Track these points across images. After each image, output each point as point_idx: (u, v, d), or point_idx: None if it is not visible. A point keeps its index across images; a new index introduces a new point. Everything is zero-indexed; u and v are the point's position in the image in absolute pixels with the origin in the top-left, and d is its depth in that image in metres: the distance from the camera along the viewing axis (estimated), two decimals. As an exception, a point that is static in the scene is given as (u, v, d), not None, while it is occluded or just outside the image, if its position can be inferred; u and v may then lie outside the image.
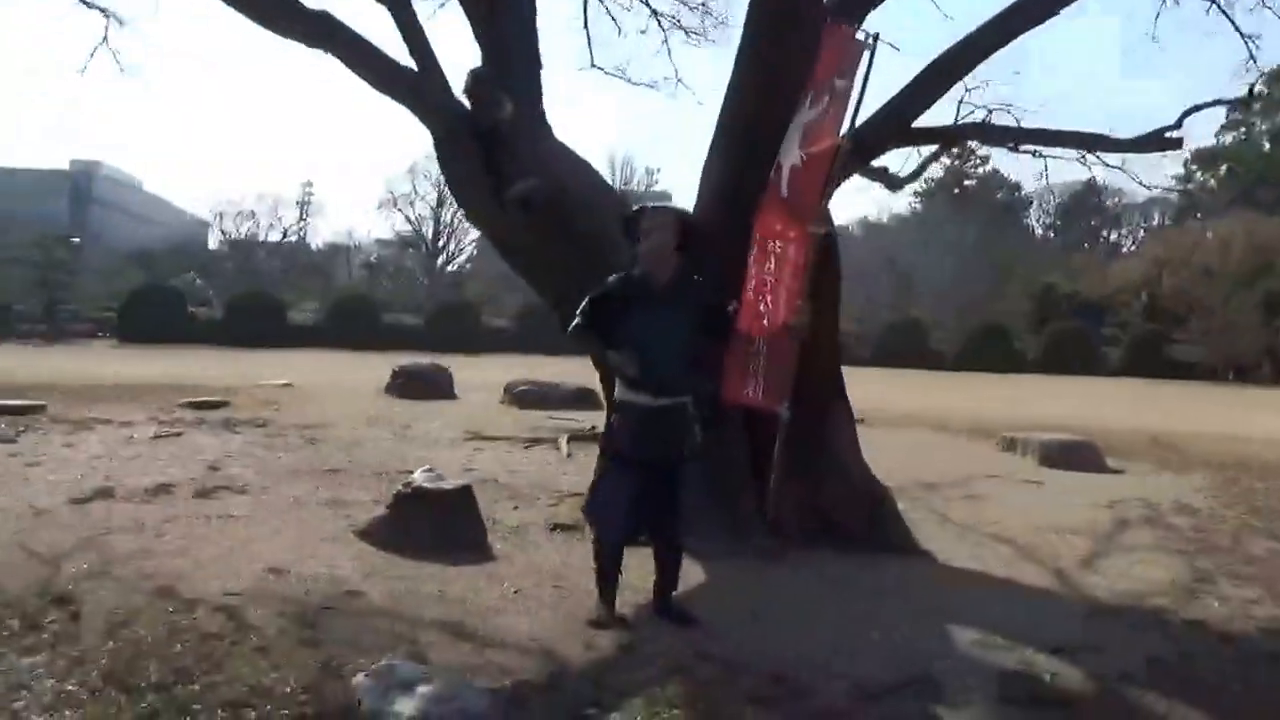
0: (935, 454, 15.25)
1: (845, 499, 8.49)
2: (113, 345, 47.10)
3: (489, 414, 18.13)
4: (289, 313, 55.03)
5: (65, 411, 15.59)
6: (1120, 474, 14.18)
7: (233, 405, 17.46)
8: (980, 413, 23.25)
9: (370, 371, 24.37)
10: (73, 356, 35.14)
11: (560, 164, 9.07)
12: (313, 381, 24.16)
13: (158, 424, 14.51)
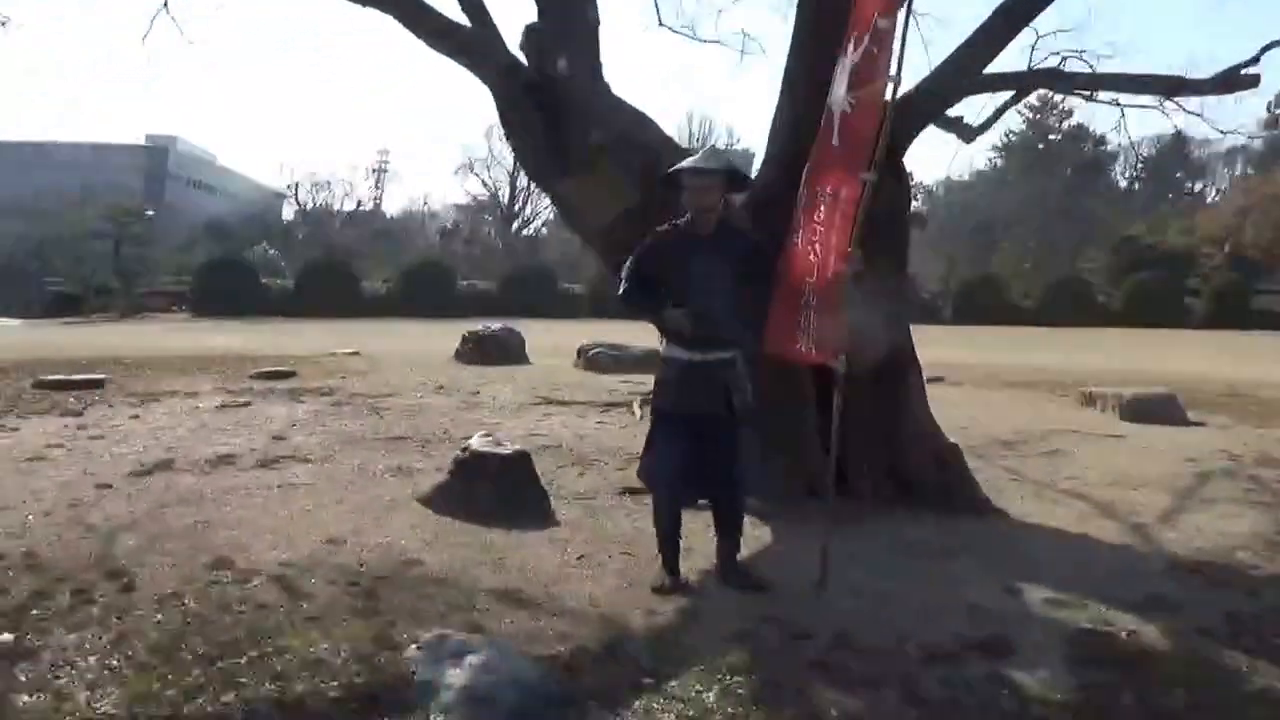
0: (1013, 411, 14.89)
1: (917, 460, 8.30)
2: (186, 319, 47.74)
3: (560, 378, 17.99)
4: (362, 282, 55.29)
5: (132, 384, 15.69)
6: (1201, 427, 13.79)
7: (300, 375, 17.48)
8: (1060, 368, 22.75)
9: (442, 339, 24.30)
10: (145, 330, 35.66)
11: (622, 119, 8.88)
12: (382, 350, 24.21)
13: (224, 394, 14.55)
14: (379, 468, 9.36)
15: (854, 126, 5.99)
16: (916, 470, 8.22)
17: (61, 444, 10.35)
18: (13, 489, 8.15)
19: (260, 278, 54.59)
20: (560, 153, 8.75)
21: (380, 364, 20.45)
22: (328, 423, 12.01)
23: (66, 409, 12.84)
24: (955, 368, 20.09)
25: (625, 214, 8.29)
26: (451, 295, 51.61)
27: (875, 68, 5.86)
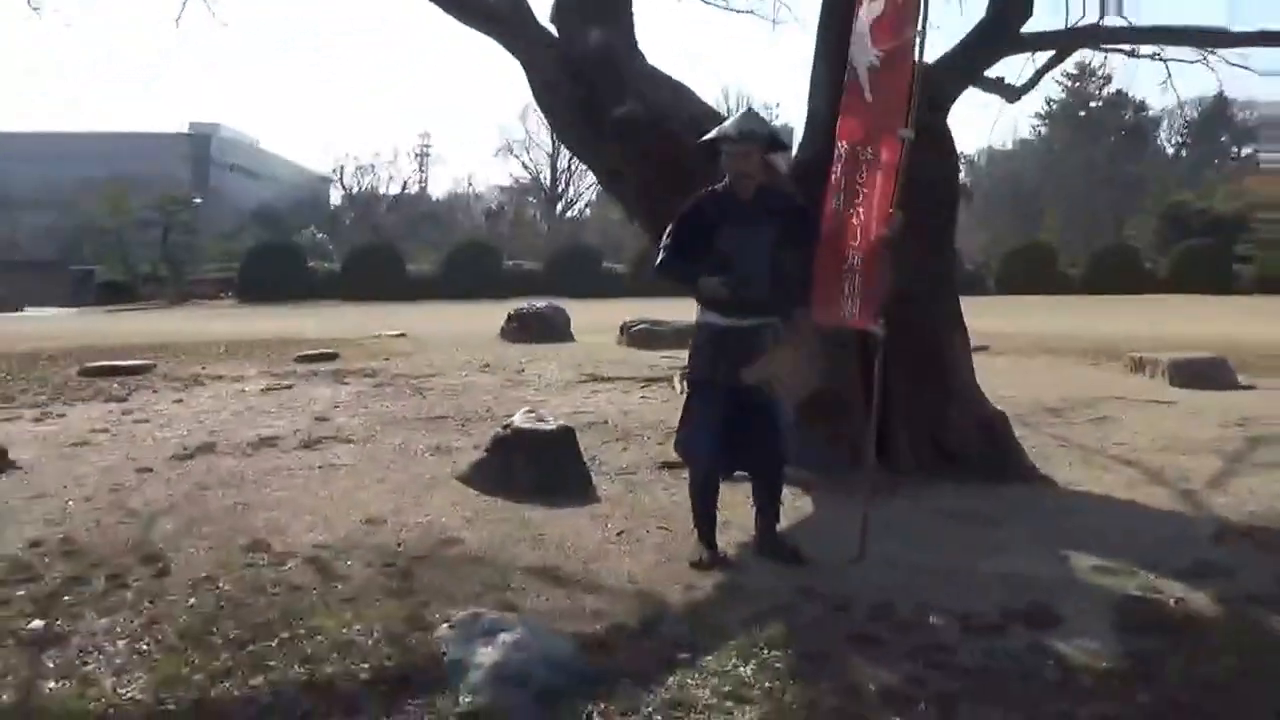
0: (1060, 379, 14.70)
1: (962, 428, 8.14)
2: (234, 304, 48.08)
3: (604, 354, 17.95)
4: (408, 264, 55.48)
5: (177, 369, 15.82)
6: (1253, 390, 13.54)
7: (343, 357, 17.57)
8: (1107, 335, 22.43)
9: (487, 319, 24.34)
10: (193, 316, 35.94)
11: (658, 88, 8.78)
12: (428, 331, 24.29)
13: (268, 377, 14.63)
14: (420, 447, 9.34)
15: (885, 81, 5.86)
16: (961, 439, 8.06)
17: (106, 429, 10.44)
18: (55, 475, 8.20)
19: (307, 262, 54.84)
20: (596, 124, 8.65)
21: (425, 344, 20.49)
22: (370, 404, 12.03)
23: (111, 395, 12.94)
24: (1000, 337, 19.86)
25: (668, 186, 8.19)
26: (497, 276, 51.66)
27: (900, 20, 5.73)
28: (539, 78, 9.17)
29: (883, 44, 5.85)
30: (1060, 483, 8.03)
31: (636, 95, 8.41)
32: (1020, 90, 11.22)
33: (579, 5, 9.10)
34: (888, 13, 5.82)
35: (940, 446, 8.06)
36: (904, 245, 7.79)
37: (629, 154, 8.46)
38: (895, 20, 5.76)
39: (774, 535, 6.11)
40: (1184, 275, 50.94)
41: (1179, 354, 14.94)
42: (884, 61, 5.85)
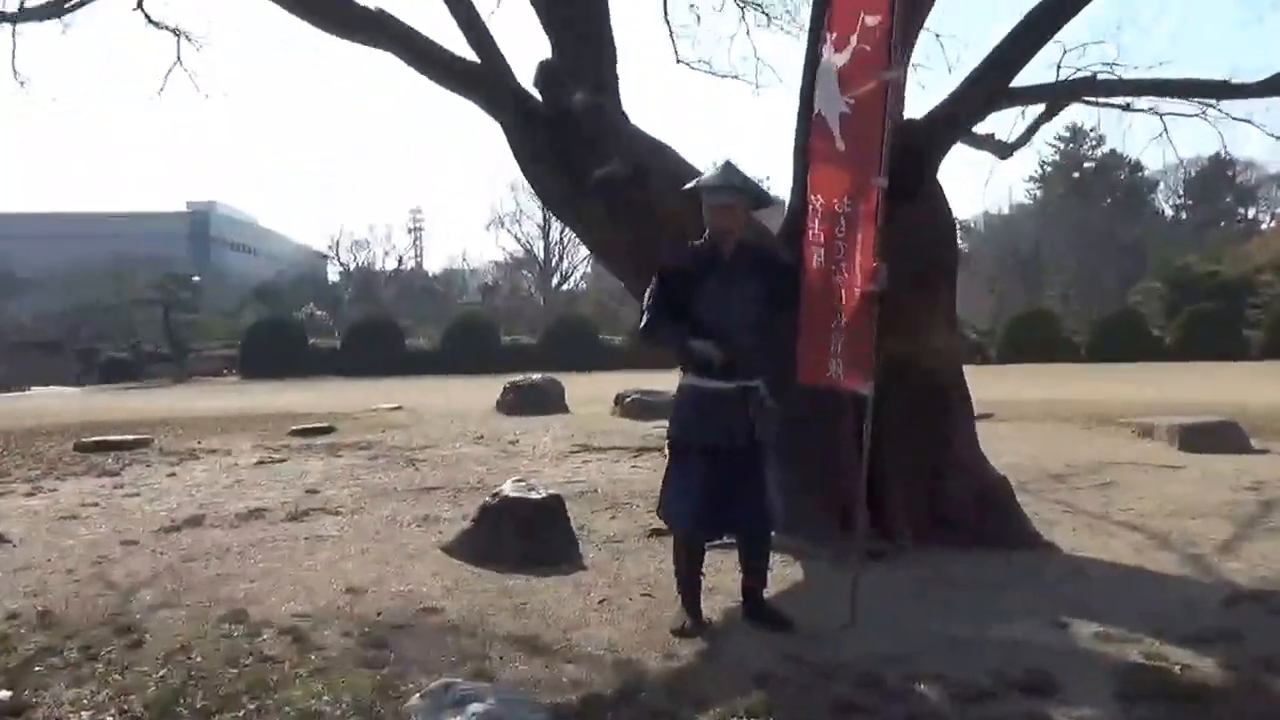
0: (1064, 445, 14.44)
1: (960, 493, 7.93)
2: (236, 381, 48.09)
3: (598, 425, 17.81)
4: (407, 339, 55.61)
5: (173, 444, 15.76)
6: (1265, 454, 13.25)
7: (339, 431, 17.47)
8: (1114, 401, 22.18)
9: (484, 392, 24.26)
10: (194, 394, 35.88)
11: (639, 147, 8.71)
12: (424, 404, 24.17)
13: (262, 451, 14.52)
14: (407, 518, 9.20)
15: (858, 129, 5.74)
16: (960, 505, 7.84)
17: (96, 502, 10.40)
18: (40, 548, 8.16)
19: (308, 338, 54.99)
20: (578, 185, 8.58)
21: (421, 417, 20.39)
22: (361, 476, 11.89)
23: (105, 470, 12.93)
24: (1003, 405, 19.67)
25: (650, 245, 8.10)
26: (494, 350, 51.64)
27: (870, 66, 5.63)
28: (519, 138, 9.13)
29: (853, 91, 5.74)
30: (1064, 549, 7.80)
31: (619, 155, 8.34)
32: (1012, 147, 11.14)
33: (563, 69, 9.07)
34: (857, 59, 5.73)
35: (939, 513, 7.84)
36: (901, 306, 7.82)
37: (612, 214, 8.38)
38: (865, 66, 5.66)
39: (761, 601, 5.92)
40: (1193, 341, 50.22)
41: (1187, 418, 14.67)
42: (855, 109, 5.74)
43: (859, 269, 5.65)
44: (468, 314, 60.82)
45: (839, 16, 5.90)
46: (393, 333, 54.94)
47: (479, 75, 9.25)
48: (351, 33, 9.57)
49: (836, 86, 5.86)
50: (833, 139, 5.91)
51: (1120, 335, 51.59)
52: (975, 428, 8.43)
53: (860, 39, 5.68)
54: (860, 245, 5.65)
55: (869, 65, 5.64)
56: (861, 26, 5.66)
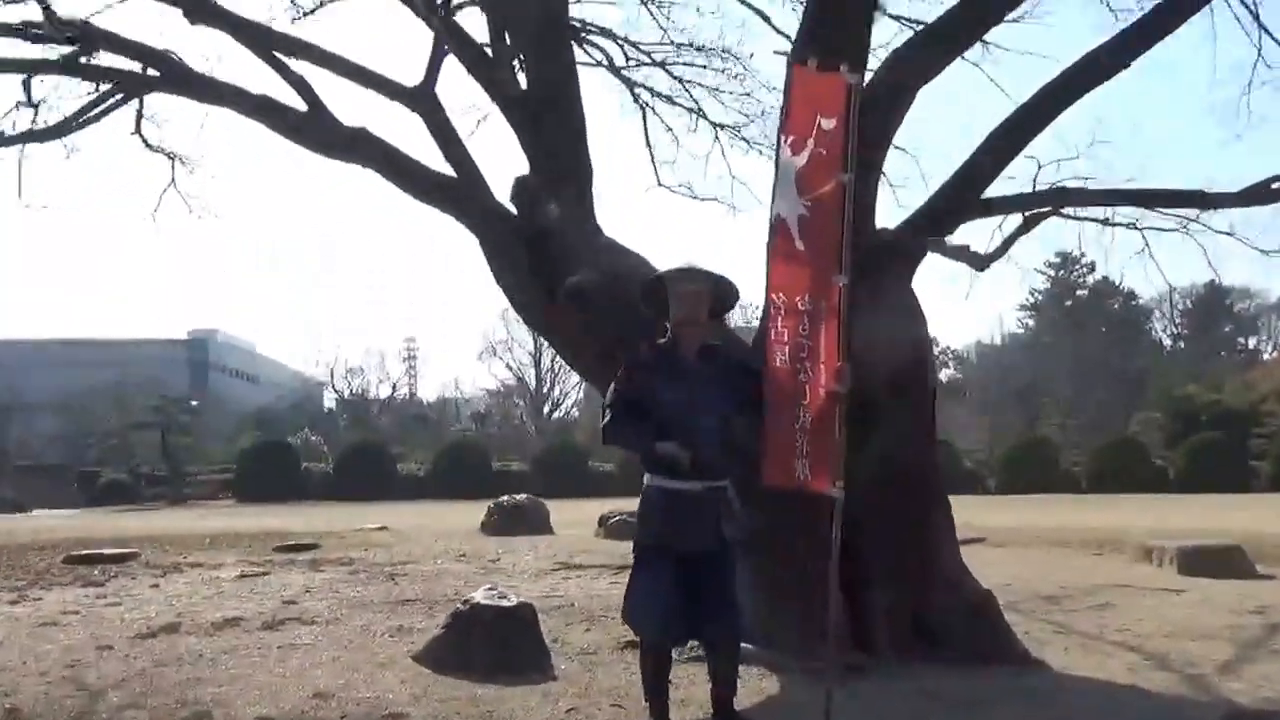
0: (1059, 568, 14.15)
1: (944, 606, 7.73)
2: (231, 504, 47.89)
3: (580, 545, 17.53)
4: (399, 464, 55.44)
5: (159, 559, 15.67)
6: (1271, 579, 12.92)
7: (322, 548, 17.33)
8: (1113, 528, 21.82)
9: (471, 514, 23.99)
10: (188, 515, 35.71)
11: (612, 257, 8.81)
12: (410, 524, 23.97)
13: (245, 565, 14.37)
14: (381, 629, 9.05)
15: (817, 229, 5.77)
16: (945, 619, 7.63)
17: (78, 610, 10.36)
18: (16, 652, 8.20)
19: (302, 463, 54.86)
20: (552, 295, 8.67)
21: (405, 537, 20.18)
22: (341, 589, 11.73)
23: (90, 580, 12.92)
24: (997, 530, 19.39)
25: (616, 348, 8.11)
26: (485, 476, 51.14)
27: (828, 168, 5.69)
28: (494, 250, 9.28)
29: (811, 193, 5.78)
30: (1055, 667, 7.58)
31: (591, 264, 8.38)
32: (988, 259, 11.12)
33: (539, 184, 9.21)
34: (814, 162, 5.78)
35: (922, 627, 7.64)
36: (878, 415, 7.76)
37: (584, 322, 8.38)
38: (822, 169, 5.72)
39: (733, 711, 5.75)
40: (1197, 472, 48.66)
41: (1188, 541, 14.36)
42: (814, 210, 5.78)
43: (823, 368, 5.62)
44: (459, 440, 60.75)
45: (796, 120, 5.99)
46: (384, 458, 54.73)
47: (456, 190, 9.49)
48: (334, 151, 9.97)
49: (795, 189, 5.89)
50: (793, 240, 5.92)
51: (1121, 465, 50.48)
52: (958, 541, 8.28)
53: (817, 142, 5.75)
54: (824, 344, 5.63)
55: (826, 168, 5.70)
56: (818, 130, 5.74)
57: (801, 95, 6.02)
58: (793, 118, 6.03)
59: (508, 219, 9.16)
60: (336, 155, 9.98)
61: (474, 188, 9.45)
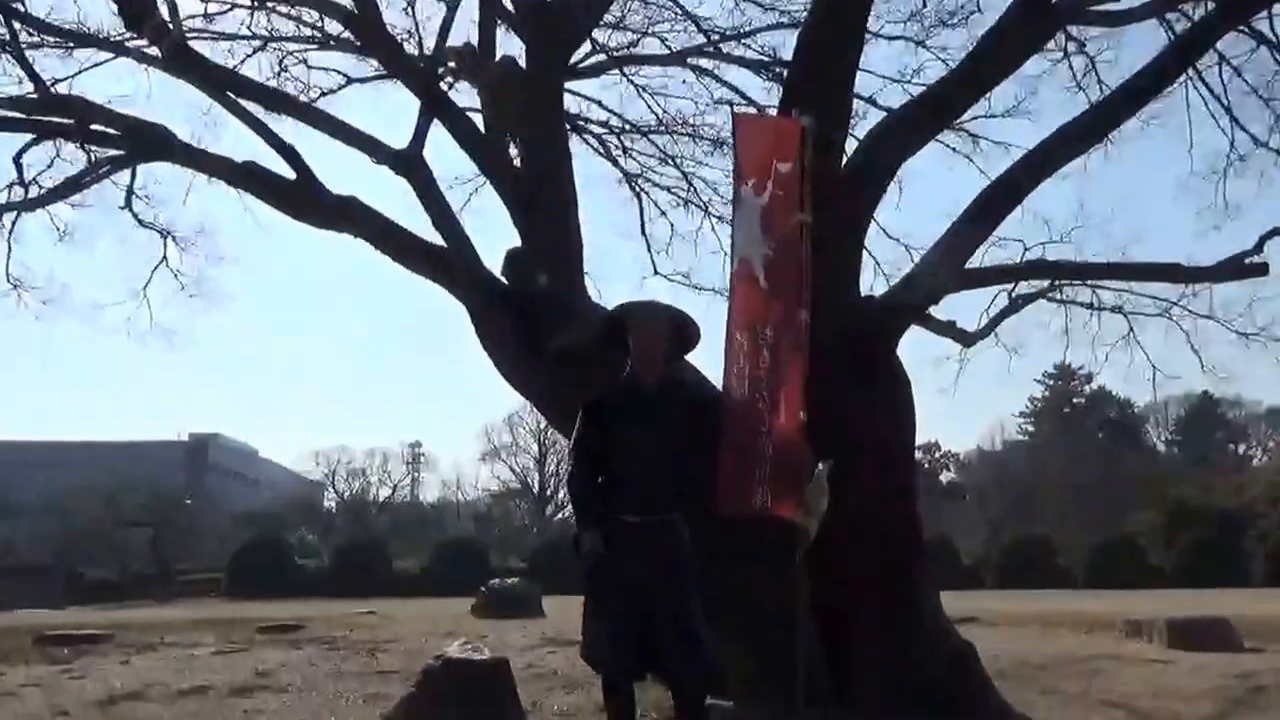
0: (1049, 643, 13.95)
1: (926, 660, 7.60)
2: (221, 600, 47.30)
3: (572, 625, 17.03)
4: (395, 562, 54.80)
5: (134, 639, 15.26)
6: (1260, 653, 12.65)
7: (307, 629, 16.98)
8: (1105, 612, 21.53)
9: (462, 602, 23.73)
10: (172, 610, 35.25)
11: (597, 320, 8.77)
12: (399, 611, 23.65)
13: (225, 643, 14.08)
14: (356, 697, 8.85)
15: (781, 267, 5.91)
16: (925, 672, 7.50)
17: (39, 683, 10.01)
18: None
19: (296, 558, 54.29)
20: (534, 359, 8.70)
21: (393, 619, 19.94)
22: (319, 663, 11.48)
23: (58, 659, 12.53)
24: (990, 612, 19.14)
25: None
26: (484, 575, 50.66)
27: (786, 209, 5.84)
28: (483, 318, 9.24)
29: (776, 233, 5.93)
30: (1037, 721, 7.43)
31: (578, 328, 8.39)
32: (975, 336, 11.18)
33: (530, 257, 9.25)
34: (774, 203, 5.92)
35: (902, 680, 7.48)
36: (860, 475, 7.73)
37: (569, 385, 8.36)
38: (783, 210, 5.86)
39: None
40: (1193, 569, 48.94)
41: (1178, 614, 14.17)
42: (777, 249, 5.92)
43: (784, 397, 5.70)
44: (457, 539, 60.15)
45: (750, 162, 6.14)
46: (381, 556, 54.21)
47: (446, 258, 9.45)
48: (325, 220, 9.91)
49: (760, 228, 6.03)
50: (757, 279, 6.05)
51: (1118, 562, 50.64)
52: (939, 596, 8.18)
53: (775, 184, 5.90)
54: (788, 379, 5.72)
55: (785, 208, 5.86)
56: (775, 173, 5.90)
57: (754, 139, 6.26)
58: (747, 160, 6.19)
59: (498, 288, 9.18)
60: (327, 224, 9.93)
61: (464, 256, 9.46)
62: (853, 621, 7.42)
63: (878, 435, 7.87)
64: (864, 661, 7.43)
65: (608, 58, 13.45)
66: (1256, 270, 9.43)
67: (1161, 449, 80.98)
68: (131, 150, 10.70)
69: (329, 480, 78.86)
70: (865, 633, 7.46)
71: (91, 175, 11.31)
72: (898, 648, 7.55)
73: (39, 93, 10.14)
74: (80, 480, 64.31)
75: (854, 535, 7.55)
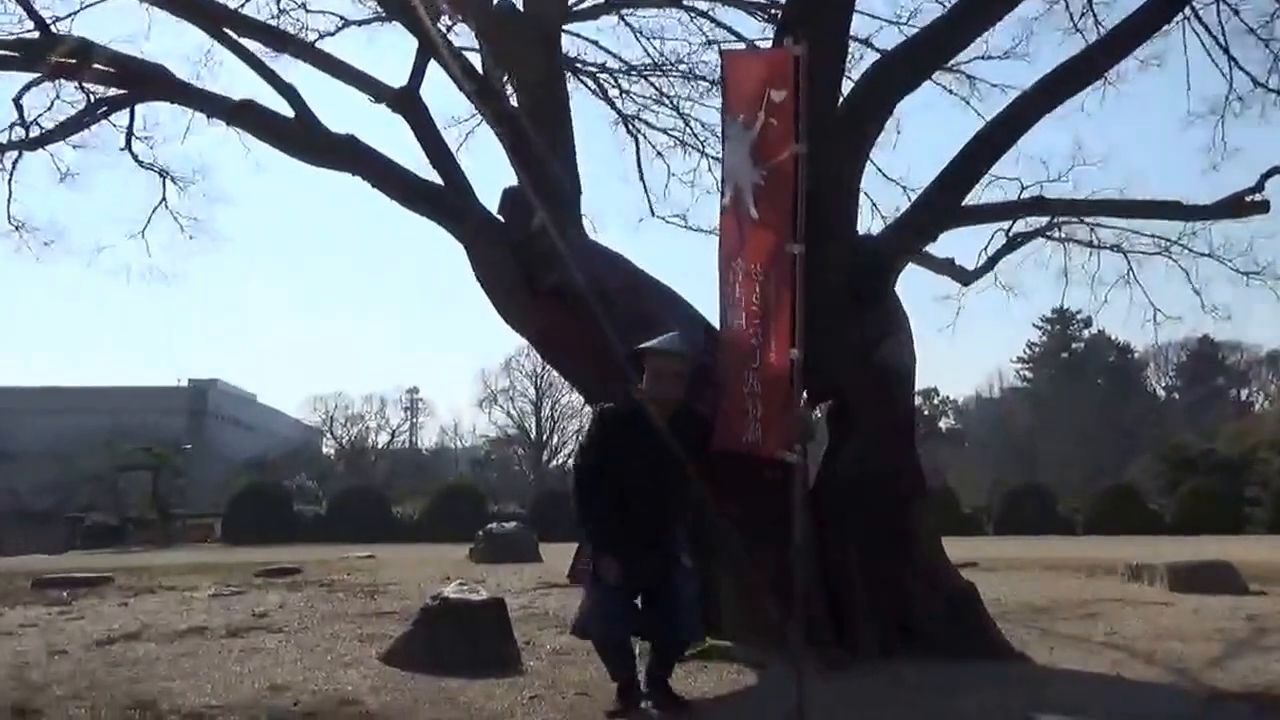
0: (1050, 586, 13.89)
1: (927, 601, 7.57)
2: (220, 546, 47.43)
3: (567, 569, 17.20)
4: (394, 508, 54.83)
5: (133, 583, 15.23)
6: (1263, 595, 12.55)
7: (304, 572, 16.94)
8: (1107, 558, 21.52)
9: (460, 548, 23.75)
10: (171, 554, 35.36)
11: (593, 257, 8.77)
12: (397, 555, 23.70)
13: (223, 586, 14.01)
14: (352, 637, 8.79)
15: (771, 196, 5.83)
16: (926, 613, 7.49)
17: (36, 624, 10.04)
18: None
19: (294, 505, 54.30)
20: (531, 296, 8.65)
21: (391, 564, 19.92)
22: (317, 605, 11.45)
23: (57, 600, 12.54)
24: (990, 559, 19.09)
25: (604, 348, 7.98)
26: (482, 521, 50.70)
27: (781, 138, 5.74)
28: (480, 257, 9.16)
29: (767, 162, 5.83)
30: (1038, 663, 7.39)
31: (574, 265, 8.31)
32: (973, 274, 11.06)
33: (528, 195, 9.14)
34: (767, 132, 5.83)
35: (903, 621, 7.49)
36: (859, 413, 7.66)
37: (564, 321, 8.31)
38: (776, 139, 5.76)
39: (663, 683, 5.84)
40: (1193, 517, 48.79)
41: (1180, 560, 14.10)
42: (769, 179, 5.83)
43: (774, 333, 5.66)
44: (455, 484, 60.11)
45: (740, 98, 6.09)
46: (378, 501, 54.18)
47: (441, 195, 9.41)
48: (321, 157, 9.84)
49: (750, 159, 5.95)
50: (748, 207, 5.98)
51: (1119, 510, 50.33)
52: (940, 539, 8.13)
53: (768, 114, 5.79)
54: (778, 314, 5.66)
55: (780, 138, 5.74)
56: (768, 102, 5.79)
57: (743, 75, 6.19)
58: (736, 96, 6.14)
59: (495, 227, 9.10)
60: (325, 162, 9.89)
61: (461, 195, 9.39)
62: (851, 564, 7.36)
63: (876, 372, 7.83)
64: (864, 603, 7.36)
65: (605, 1, 13.24)
66: (1257, 208, 9.31)
67: (1162, 395, 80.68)
68: (131, 90, 10.55)
69: (327, 426, 78.77)
70: (864, 572, 7.39)
71: (91, 115, 11.14)
72: (897, 589, 7.53)
73: (39, 31, 9.96)
74: (81, 426, 64.31)
75: (851, 478, 7.55)
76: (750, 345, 5.81)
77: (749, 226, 5.97)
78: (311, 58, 10.31)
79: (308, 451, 76.94)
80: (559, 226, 8.83)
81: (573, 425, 68.88)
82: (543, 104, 9.74)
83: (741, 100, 6.04)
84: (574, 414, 69.67)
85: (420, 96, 9.72)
